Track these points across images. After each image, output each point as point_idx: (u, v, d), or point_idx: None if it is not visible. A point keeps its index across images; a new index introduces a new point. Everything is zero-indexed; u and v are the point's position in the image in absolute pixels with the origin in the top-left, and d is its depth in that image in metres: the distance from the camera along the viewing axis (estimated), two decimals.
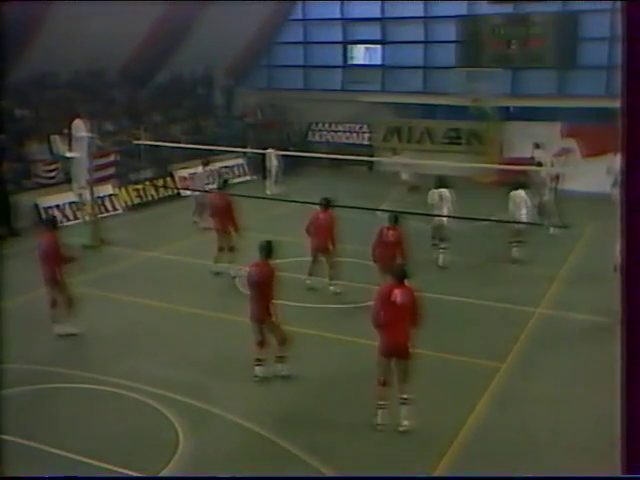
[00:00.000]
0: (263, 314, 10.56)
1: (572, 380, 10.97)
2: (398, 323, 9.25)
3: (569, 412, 10.12)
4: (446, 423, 9.70)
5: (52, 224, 13.45)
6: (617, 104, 2.42)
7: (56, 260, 12.60)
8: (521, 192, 16.83)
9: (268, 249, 10.72)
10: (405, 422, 9.37)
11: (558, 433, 9.50)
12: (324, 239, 14.58)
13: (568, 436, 9.45)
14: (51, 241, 12.74)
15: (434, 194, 16.75)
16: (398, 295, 9.32)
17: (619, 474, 2.64)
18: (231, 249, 15.85)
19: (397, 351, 9.34)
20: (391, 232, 13.89)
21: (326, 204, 14.73)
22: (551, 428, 9.60)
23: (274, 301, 10.60)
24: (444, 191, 16.76)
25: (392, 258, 13.37)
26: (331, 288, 14.77)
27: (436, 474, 8.53)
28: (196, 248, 18.14)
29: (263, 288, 10.54)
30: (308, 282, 14.99)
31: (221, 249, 15.94)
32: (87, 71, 25.87)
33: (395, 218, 14.12)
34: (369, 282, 13.85)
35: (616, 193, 2.60)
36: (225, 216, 15.94)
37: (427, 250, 16.86)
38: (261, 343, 10.72)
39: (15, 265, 17.08)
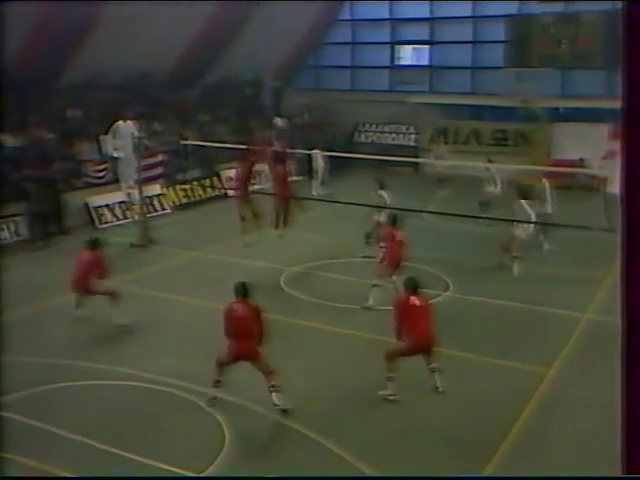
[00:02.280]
0: (251, 351, 9.93)
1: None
2: (421, 322, 10.06)
3: (617, 419, 9.92)
4: (493, 428, 9.65)
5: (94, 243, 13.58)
6: None
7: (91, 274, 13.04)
8: (524, 202, 16.55)
9: (244, 290, 10.19)
10: (440, 383, 10.29)
11: (605, 439, 9.33)
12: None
13: (617, 443, 9.26)
14: (91, 258, 13.13)
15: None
16: (416, 300, 10.19)
17: (619, 474, 2.63)
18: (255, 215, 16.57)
19: (424, 348, 10.16)
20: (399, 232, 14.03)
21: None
22: (598, 434, 9.44)
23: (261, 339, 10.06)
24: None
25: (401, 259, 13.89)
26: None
27: None
28: (242, 248, 18.32)
29: (249, 323, 9.96)
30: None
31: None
32: (137, 72, 26.29)
33: (394, 218, 14.24)
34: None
35: None
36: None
37: (477, 254, 16.80)
38: (222, 367, 10.16)
39: (63, 263, 17.49)
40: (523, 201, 16.54)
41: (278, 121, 25.47)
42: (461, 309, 13.88)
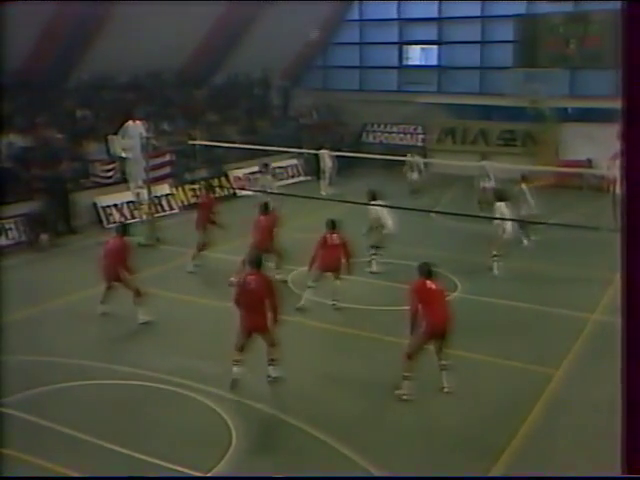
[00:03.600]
0: (262, 324, 10.52)
1: None
2: (439, 305, 10.16)
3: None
4: (500, 428, 9.63)
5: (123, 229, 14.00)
6: None
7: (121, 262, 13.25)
8: (502, 205, 16.53)
9: (258, 261, 10.83)
10: (447, 384, 10.25)
11: (613, 440, 9.29)
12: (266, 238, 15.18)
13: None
14: (120, 244, 13.42)
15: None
16: (432, 284, 10.23)
17: (619, 474, 2.64)
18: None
19: (441, 331, 10.12)
20: (335, 236, 14.02)
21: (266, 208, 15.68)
22: (606, 435, 9.39)
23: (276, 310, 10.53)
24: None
25: (335, 261, 13.89)
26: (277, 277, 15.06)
27: None
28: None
29: (261, 297, 10.47)
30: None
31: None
32: (145, 72, 26.37)
33: (332, 223, 14.16)
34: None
35: None
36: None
37: (480, 254, 16.76)
38: (242, 348, 10.61)
39: (71, 262, 17.60)
40: (500, 203, 16.52)
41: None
42: (469, 309, 13.85)
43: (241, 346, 10.55)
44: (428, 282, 10.20)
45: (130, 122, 19.17)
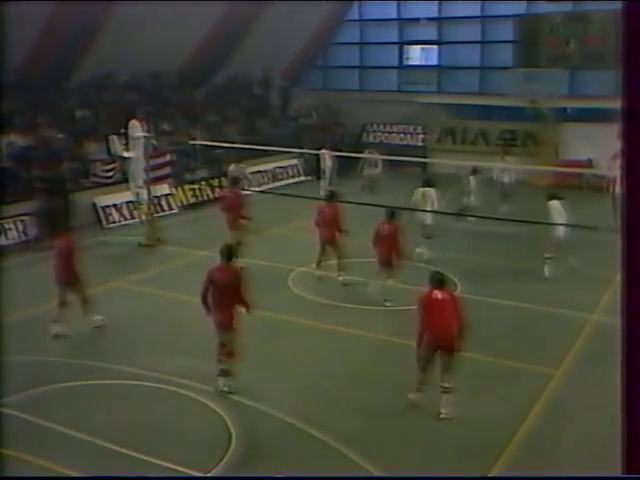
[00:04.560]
0: (227, 320, 10.28)
1: None
2: (443, 316, 9.60)
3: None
4: (499, 429, 9.62)
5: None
6: None
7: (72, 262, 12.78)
8: (556, 203, 16.51)
9: (229, 252, 10.61)
10: (444, 410, 9.67)
11: (611, 442, 9.28)
12: (331, 231, 15.34)
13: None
14: (68, 244, 12.96)
15: (418, 192, 17.42)
16: (439, 294, 9.76)
17: (619, 474, 2.64)
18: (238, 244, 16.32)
19: (444, 343, 9.61)
20: (386, 226, 14.12)
21: (330, 197, 15.92)
22: (605, 436, 9.40)
23: (239, 306, 10.40)
24: (428, 190, 17.27)
25: (388, 253, 14.00)
26: (339, 279, 15.43)
27: None
28: (250, 248, 18.35)
29: (229, 292, 10.29)
30: (316, 273, 15.65)
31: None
32: (145, 72, 26.37)
33: (391, 213, 14.28)
34: (416, 284, 13.90)
35: None
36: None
37: (480, 254, 16.76)
38: (231, 354, 10.33)
39: None
40: (553, 202, 16.52)
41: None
42: (469, 310, 13.83)
43: (229, 352, 10.34)
44: (435, 292, 9.77)
45: (134, 121, 19.16)
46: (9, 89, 20.44)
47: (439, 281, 9.90)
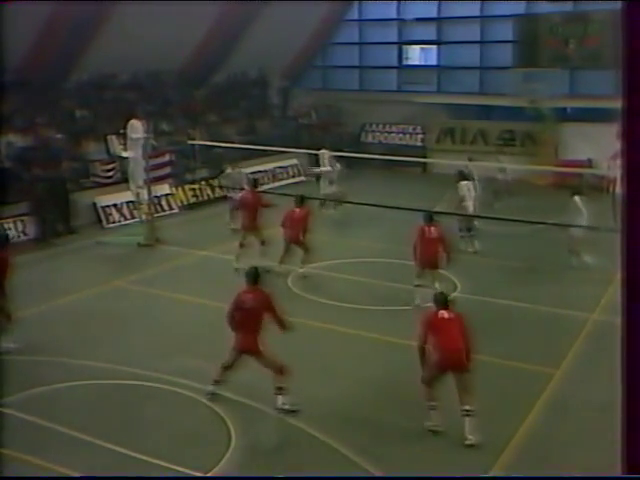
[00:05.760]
0: (255, 345, 9.87)
1: None
2: (452, 337, 9.37)
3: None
4: (499, 429, 9.63)
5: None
6: None
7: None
8: (575, 198, 16.62)
9: (255, 275, 10.24)
10: (470, 436, 9.18)
11: (613, 441, 9.28)
12: (296, 232, 15.82)
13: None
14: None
15: (463, 187, 17.83)
16: (445, 313, 9.60)
17: (619, 474, 2.64)
18: (262, 243, 16.58)
19: (454, 363, 9.38)
20: (432, 229, 14.07)
21: (301, 200, 16.19)
22: (606, 435, 9.39)
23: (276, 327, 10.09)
24: (468, 183, 17.87)
25: (434, 255, 13.93)
26: (300, 270, 15.99)
27: None
28: (249, 248, 18.35)
29: (257, 316, 9.95)
30: (278, 269, 15.84)
31: (242, 245, 16.69)
32: (145, 72, 26.36)
33: (430, 216, 14.28)
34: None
35: None
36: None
37: (479, 254, 16.77)
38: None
39: (70, 262, 17.61)
40: (576, 197, 16.75)
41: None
42: (468, 309, 13.83)
43: (228, 365, 10.07)
44: (441, 312, 9.60)
45: (134, 120, 19.17)
46: (8, 89, 20.43)
47: (444, 301, 9.77)
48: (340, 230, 20.29)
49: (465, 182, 17.96)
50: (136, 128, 18.97)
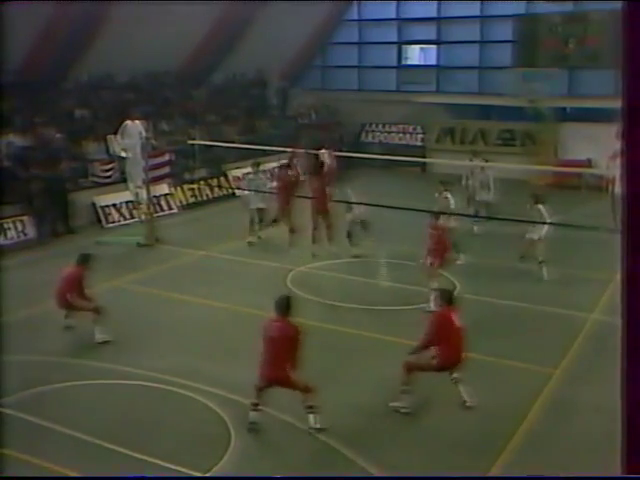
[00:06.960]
0: (286, 378, 9.21)
1: None
2: (458, 337, 9.75)
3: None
4: (499, 428, 9.64)
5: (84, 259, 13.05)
6: None
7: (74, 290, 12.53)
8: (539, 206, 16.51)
9: (287, 305, 9.42)
10: (467, 397, 9.90)
11: (612, 441, 9.27)
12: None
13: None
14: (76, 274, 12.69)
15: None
16: (453, 313, 9.90)
17: (619, 474, 2.64)
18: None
19: (453, 365, 9.88)
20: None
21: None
22: (604, 436, 9.39)
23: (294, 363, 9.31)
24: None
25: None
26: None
27: None
28: (249, 248, 18.41)
29: (282, 347, 9.18)
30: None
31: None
32: (144, 72, 26.36)
33: (437, 215, 14.49)
34: (419, 284, 13.97)
35: None
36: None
37: (479, 254, 16.78)
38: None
39: (70, 262, 17.55)
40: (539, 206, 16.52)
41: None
42: (467, 309, 13.84)
43: (260, 389, 9.46)
44: (452, 312, 9.87)
45: (129, 122, 19.16)
46: (8, 89, 20.44)
47: (450, 298, 10.12)
48: (338, 229, 20.23)
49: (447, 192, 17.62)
50: (130, 129, 18.97)
